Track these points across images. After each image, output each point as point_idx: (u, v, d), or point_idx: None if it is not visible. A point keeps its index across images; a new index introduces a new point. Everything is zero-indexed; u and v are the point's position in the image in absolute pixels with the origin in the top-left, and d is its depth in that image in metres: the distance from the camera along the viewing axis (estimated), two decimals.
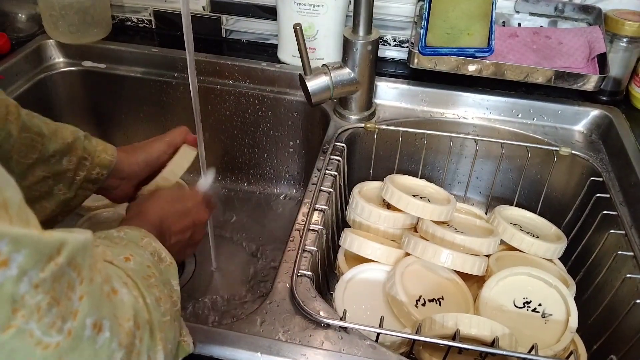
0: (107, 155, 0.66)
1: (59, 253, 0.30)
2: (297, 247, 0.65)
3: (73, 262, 0.31)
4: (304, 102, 0.87)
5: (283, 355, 0.53)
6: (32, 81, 0.97)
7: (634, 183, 0.76)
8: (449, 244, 0.69)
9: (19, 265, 0.27)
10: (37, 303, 0.29)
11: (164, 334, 0.42)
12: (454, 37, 0.86)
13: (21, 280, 0.28)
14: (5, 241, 0.27)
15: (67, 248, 0.31)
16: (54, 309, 0.30)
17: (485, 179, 0.95)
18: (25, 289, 0.28)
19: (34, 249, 0.28)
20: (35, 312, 0.29)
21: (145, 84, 1.01)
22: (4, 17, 1.02)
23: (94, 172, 0.65)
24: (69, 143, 0.62)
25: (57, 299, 0.30)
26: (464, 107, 0.91)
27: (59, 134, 0.62)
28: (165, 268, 0.49)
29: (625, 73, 0.91)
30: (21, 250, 0.28)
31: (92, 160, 0.65)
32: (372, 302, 0.66)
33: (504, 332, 0.56)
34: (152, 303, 0.42)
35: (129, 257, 0.45)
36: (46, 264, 0.29)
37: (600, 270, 0.72)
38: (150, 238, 0.51)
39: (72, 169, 0.63)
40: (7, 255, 0.27)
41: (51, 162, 0.61)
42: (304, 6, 0.91)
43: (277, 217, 1.02)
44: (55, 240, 0.30)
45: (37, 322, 0.29)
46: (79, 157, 0.63)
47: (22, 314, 0.28)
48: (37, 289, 0.29)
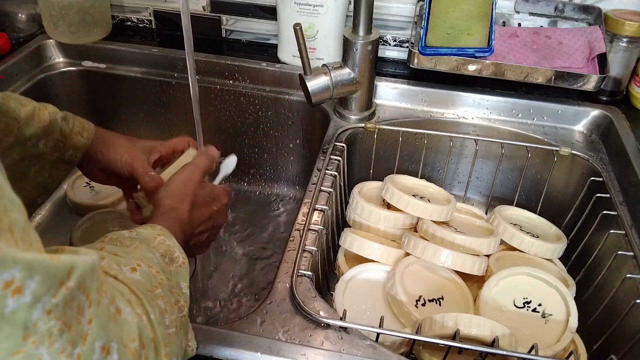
0: (82, 138, 0.65)
1: (69, 277, 0.30)
2: (297, 247, 0.65)
3: (82, 285, 0.31)
4: (304, 102, 0.87)
5: (283, 355, 0.53)
6: (32, 81, 0.97)
7: (634, 183, 0.76)
8: (449, 244, 0.69)
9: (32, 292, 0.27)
10: (49, 329, 0.28)
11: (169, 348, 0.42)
12: (454, 37, 0.86)
13: (34, 307, 0.28)
14: (19, 268, 0.26)
15: (77, 272, 0.31)
16: (65, 335, 0.30)
17: (485, 179, 0.95)
18: (38, 316, 0.28)
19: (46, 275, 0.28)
20: (47, 338, 0.28)
21: (145, 84, 1.01)
22: (4, 17, 1.02)
23: (67, 154, 0.65)
24: (45, 127, 0.61)
25: (68, 324, 0.30)
26: (464, 107, 0.91)
27: (35, 117, 0.61)
28: (175, 270, 0.49)
29: (625, 73, 0.91)
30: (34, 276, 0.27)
31: (66, 142, 0.64)
32: (372, 302, 0.66)
33: (504, 332, 0.56)
34: (157, 318, 0.42)
35: (135, 268, 0.44)
36: (58, 289, 0.29)
37: (600, 270, 0.72)
38: (164, 236, 0.51)
39: (49, 152, 0.63)
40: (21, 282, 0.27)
41: (27, 145, 0.60)
42: (304, 6, 0.91)
43: (277, 217, 1.02)
44: (65, 264, 0.30)
45: (47, 348, 0.29)
46: (55, 139, 0.63)
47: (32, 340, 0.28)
48: (50, 315, 0.28)
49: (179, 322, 0.45)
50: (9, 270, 0.26)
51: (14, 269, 0.26)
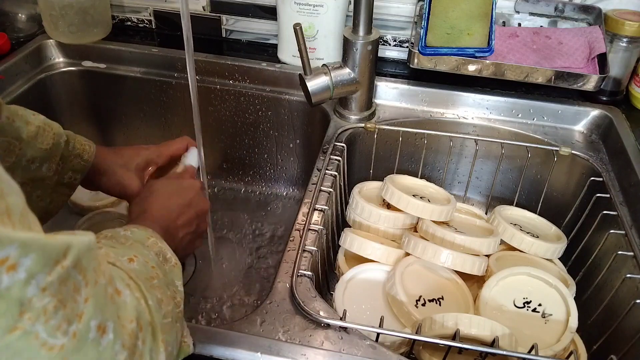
0: (82, 160, 0.65)
1: (65, 256, 0.31)
2: (297, 247, 0.65)
3: (78, 264, 0.32)
4: (304, 102, 0.87)
5: (283, 355, 0.53)
6: (32, 81, 0.97)
7: (634, 183, 0.76)
8: (449, 244, 0.69)
9: (27, 269, 0.28)
10: (44, 306, 0.29)
11: (165, 335, 0.42)
12: (454, 37, 0.86)
13: (29, 284, 0.28)
14: (14, 246, 0.27)
15: (73, 251, 0.31)
16: (60, 312, 0.30)
17: (485, 179, 0.95)
18: (33, 292, 0.28)
19: (41, 253, 0.29)
20: (42, 315, 0.29)
21: (145, 84, 1.01)
22: (4, 17, 1.02)
23: (65, 176, 0.64)
24: (47, 150, 0.61)
25: (63, 301, 0.30)
26: (464, 107, 0.91)
27: (39, 139, 0.60)
28: (170, 269, 0.49)
29: (625, 73, 0.91)
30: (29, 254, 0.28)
31: (65, 165, 0.64)
32: (372, 302, 0.66)
33: (504, 332, 0.56)
34: (154, 305, 0.42)
35: (132, 258, 0.45)
36: (53, 268, 0.30)
37: (600, 270, 0.72)
38: (156, 238, 0.51)
39: (50, 176, 0.62)
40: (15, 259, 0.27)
41: (31, 168, 0.60)
42: (304, 6, 0.91)
43: (277, 217, 1.02)
44: (61, 243, 0.30)
45: (43, 325, 0.29)
46: (57, 163, 0.62)
47: (28, 316, 0.28)
48: (45, 292, 0.29)
49: (174, 315, 0.45)
50: (4, 248, 0.27)
51: (9, 247, 0.27)
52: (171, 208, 0.59)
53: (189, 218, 0.61)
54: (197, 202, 0.63)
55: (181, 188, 0.63)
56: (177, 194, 0.61)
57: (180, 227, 0.60)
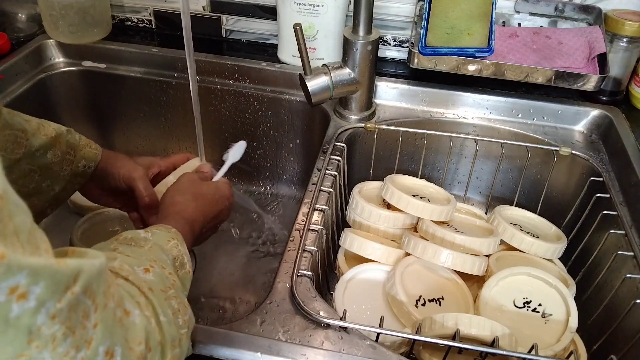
0: (92, 149, 0.67)
1: (75, 282, 0.30)
2: (297, 247, 0.65)
3: (88, 290, 0.31)
4: (304, 102, 0.87)
5: (283, 355, 0.53)
6: (32, 81, 0.97)
7: (634, 183, 0.76)
8: (449, 244, 0.69)
9: (37, 297, 0.27)
10: (52, 333, 0.29)
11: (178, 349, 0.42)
12: (454, 37, 0.86)
13: (39, 312, 0.28)
14: (24, 274, 0.27)
15: (83, 276, 0.31)
16: (69, 339, 0.30)
17: (485, 179, 0.95)
18: (42, 321, 0.28)
19: (51, 280, 0.28)
20: (50, 343, 0.29)
21: (145, 84, 1.01)
22: (4, 17, 1.02)
23: (79, 165, 0.65)
24: (52, 137, 0.63)
25: (72, 328, 0.30)
26: (464, 107, 0.91)
27: (42, 130, 0.62)
28: (183, 275, 0.50)
29: (625, 73, 0.91)
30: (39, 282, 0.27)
31: (76, 154, 0.65)
32: (372, 302, 0.66)
33: (504, 332, 0.56)
34: (168, 319, 0.42)
35: (148, 269, 0.44)
36: (63, 294, 0.29)
37: (600, 270, 0.72)
38: (177, 241, 0.52)
39: (58, 162, 0.63)
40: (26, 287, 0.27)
41: (36, 155, 0.61)
42: (304, 6, 0.91)
43: (277, 217, 1.02)
44: (71, 269, 0.30)
45: (50, 352, 0.29)
46: (62, 151, 0.64)
47: (36, 344, 0.28)
48: (54, 320, 0.29)
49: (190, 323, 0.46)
50: (14, 276, 0.26)
51: (19, 275, 0.26)
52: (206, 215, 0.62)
53: (214, 225, 0.65)
54: (226, 212, 0.67)
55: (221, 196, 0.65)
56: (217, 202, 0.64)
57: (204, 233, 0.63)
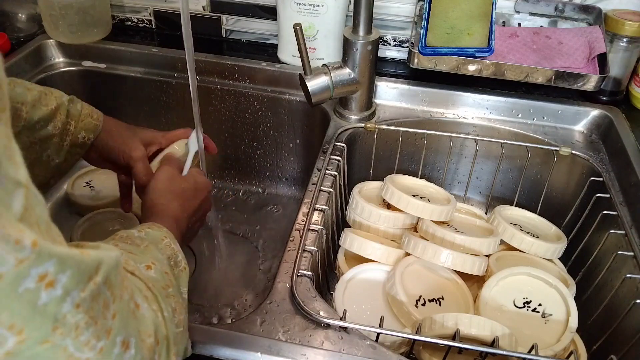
0: (93, 119, 0.67)
1: (97, 273, 0.31)
2: (297, 247, 0.65)
3: (108, 281, 0.32)
4: (304, 102, 0.87)
5: (283, 355, 0.53)
6: (32, 81, 0.96)
7: (634, 183, 0.76)
8: (449, 244, 0.69)
9: (63, 286, 0.28)
10: (76, 322, 0.30)
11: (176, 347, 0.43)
12: (454, 37, 0.86)
13: (65, 301, 0.29)
14: (52, 262, 0.27)
15: (104, 267, 0.32)
16: (91, 328, 0.31)
17: (485, 179, 0.95)
18: (67, 309, 0.29)
19: (77, 270, 0.29)
20: (74, 330, 0.30)
21: (145, 83, 1.01)
22: (4, 17, 1.02)
23: (79, 136, 0.65)
24: (52, 109, 0.62)
25: (94, 318, 0.31)
26: (464, 107, 0.91)
27: (42, 101, 0.62)
28: (178, 273, 0.50)
29: (625, 73, 0.91)
30: (66, 271, 0.28)
31: (77, 124, 0.65)
32: (372, 302, 0.66)
33: (504, 332, 0.56)
34: (169, 316, 0.42)
35: (150, 266, 0.45)
36: (86, 284, 0.30)
37: (600, 270, 0.72)
38: (170, 239, 0.52)
39: (58, 134, 0.63)
40: (53, 276, 0.28)
41: (36, 128, 0.61)
42: (304, 6, 0.91)
43: (277, 217, 1.02)
44: (93, 260, 0.31)
45: (73, 340, 0.30)
46: (63, 122, 0.64)
47: (60, 331, 0.29)
48: (78, 309, 0.30)
49: (185, 323, 0.46)
50: (43, 264, 0.27)
51: (48, 263, 0.27)
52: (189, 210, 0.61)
53: (199, 217, 0.64)
54: (206, 202, 0.66)
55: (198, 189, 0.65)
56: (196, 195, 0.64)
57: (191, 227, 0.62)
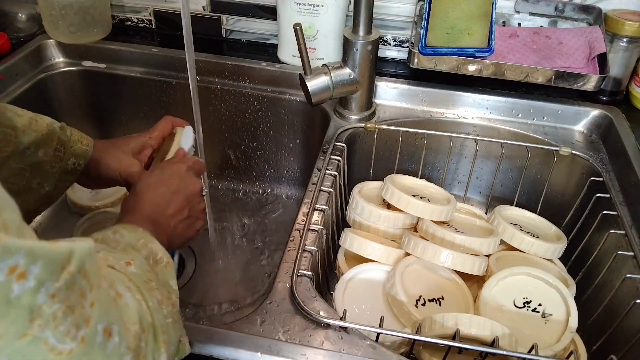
0: (83, 145, 0.65)
1: (70, 262, 0.31)
2: (297, 247, 0.65)
3: (82, 269, 0.32)
4: (304, 102, 0.87)
5: (283, 355, 0.53)
6: (32, 81, 0.97)
7: (634, 183, 0.76)
8: (449, 244, 0.69)
9: (36, 277, 0.28)
10: (53, 312, 0.29)
11: (166, 336, 0.43)
12: (454, 37, 0.86)
13: (39, 291, 0.28)
14: (21, 254, 0.27)
15: (76, 256, 0.31)
16: (69, 317, 0.30)
17: (485, 179, 0.95)
18: (42, 300, 0.29)
19: (48, 260, 0.29)
20: (52, 321, 0.29)
21: (145, 84, 1.01)
22: (4, 17, 1.02)
23: (69, 163, 0.64)
24: (43, 135, 0.61)
25: (71, 307, 0.31)
26: (464, 107, 0.91)
27: (33, 127, 0.61)
28: (162, 270, 0.49)
29: (625, 73, 0.91)
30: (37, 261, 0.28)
31: (66, 151, 0.64)
32: (372, 302, 0.66)
33: (504, 332, 0.56)
34: (155, 306, 0.42)
35: (130, 262, 0.45)
36: (60, 274, 0.30)
37: (600, 270, 0.72)
38: (146, 239, 0.50)
39: (48, 161, 0.62)
40: (24, 267, 0.27)
41: (26, 154, 0.60)
42: (304, 6, 0.91)
43: (277, 217, 1.02)
44: (64, 249, 0.31)
45: (52, 331, 0.29)
46: (53, 148, 0.63)
47: (38, 323, 0.29)
48: (54, 299, 0.29)
49: (174, 315, 0.46)
50: (12, 256, 0.27)
51: (16, 254, 0.27)
52: (158, 200, 0.58)
53: (179, 205, 0.59)
54: (184, 186, 0.61)
55: (164, 176, 0.61)
56: (161, 183, 0.60)
57: (171, 217, 0.58)
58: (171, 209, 0.58)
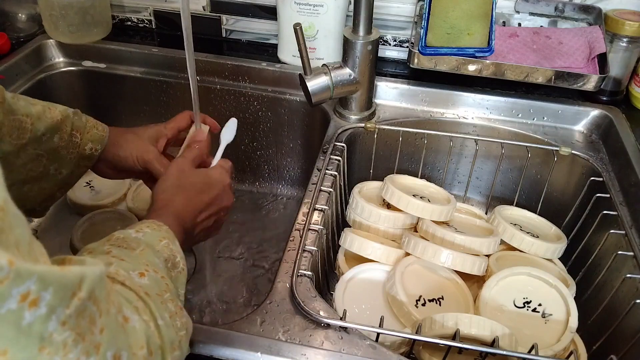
0: (98, 131, 0.66)
1: (80, 288, 0.30)
2: (297, 247, 0.65)
3: (92, 295, 0.32)
4: (304, 102, 0.87)
5: (283, 355, 0.53)
6: (32, 81, 0.97)
7: (634, 183, 0.76)
8: (449, 244, 0.69)
9: (47, 304, 0.28)
10: (63, 340, 0.29)
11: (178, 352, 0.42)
12: (454, 37, 0.86)
13: (50, 319, 0.28)
14: (33, 280, 0.27)
15: (87, 282, 0.31)
16: (80, 345, 0.30)
17: (485, 179, 0.95)
18: (53, 327, 0.28)
19: (58, 286, 0.28)
20: (61, 349, 0.29)
21: (145, 83, 1.01)
22: (4, 17, 1.02)
23: (86, 148, 0.65)
24: (58, 120, 0.62)
25: (82, 334, 0.30)
26: (464, 107, 0.91)
27: (47, 114, 0.61)
28: (176, 275, 0.49)
29: (625, 73, 0.91)
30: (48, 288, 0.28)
31: (83, 136, 0.64)
32: (372, 302, 0.66)
33: (504, 332, 0.56)
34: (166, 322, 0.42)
35: (143, 273, 0.44)
36: (70, 300, 0.29)
37: (600, 270, 0.72)
38: (169, 240, 0.51)
39: (64, 146, 0.63)
40: (36, 294, 0.27)
41: (42, 140, 0.61)
42: (304, 6, 0.91)
43: (277, 217, 1.02)
44: (75, 275, 0.30)
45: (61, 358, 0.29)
46: (69, 133, 0.63)
47: (48, 351, 0.28)
48: (64, 326, 0.29)
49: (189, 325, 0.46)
50: (24, 282, 0.26)
51: (28, 281, 0.26)
52: (196, 205, 0.59)
53: (210, 214, 0.61)
54: (222, 198, 0.63)
55: (210, 183, 0.62)
56: (206, 190, 0.61)
57: (199, 224, 0.60)
58: (201, 217, 0.60)
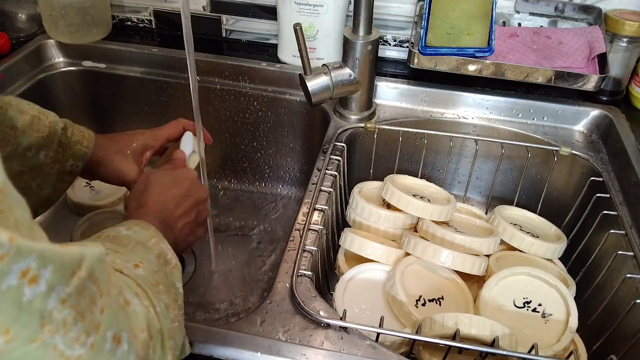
0: (82, 147, 0.65)
1: (80, 267, 0.31)
2: (297, 247, 0.65)
3: (92, 275, 0.32)
4: (304, 102, 0.87)
5: (283, 355, 0.53)
6: (32, 81, 0.97)
7: (634, 183, 0.76)
8: (449, 244, 0.69)
9: (47, 281, 0.28)
10: (63, 318, 0.29)
11: (173, 341, 0.42)
12: (454, 37, 0.86)
13: (50, 296, 0.28)
14: (33, 257, 0.27)
15: (87, 261, 0.31)
16: (79, 323, 0.30)
17: (485, 179, 0.95)
18: (53, 305, 0.29)
19: (59, 264, 0.29)
20: (62, 327, 0.29)
21: (145, 83, 1.01)
22: (4, 17, 1.02)
23: (67, 164, 0.64)
24: (44, 137, 0.61)
25: (82, 313, 0.30)
26: (464, 107, 0.91)
27: (34, 127, 0.60)
28: (170, 271, 0.49)
29: (625, 73, 0.91)
30: (48, 265, 0.28)
31: (65, 152, 0.63)
32: (372, 302, 0.66)
33: (504, 332, 0.56)
34: (162, 311, 0.42)
35: (138, 264, 0.45)
36: (70, 279, 0.30)
37: (600, 270, 0.72)
38: (158, 239, 0.51)
39: (48, 163, 0.62)
40: (36, 271, 0.27)
41: (27, 156, 0.60)
42: (304, 6, 0.91)
43: (277, 217, 1.02)
44: (75, 254, 0.30)
45: (62, 337, 0.29)
46: (54, 150, 0.62)
47: (48, 328, 0.28)
48: (64, 304, 0.29)
49: (180, 318, 0.46)
50: (24, 259, 0.27)
51: (28, 258, 0.27)
52: (168, 200, 0.59)
53: (187, 208, 0.60)
54: (194, 190, 0.62)
55: (177, 178, 0.62)
56: (174, 184, 0.61)
57: (179, 218, 0.59)
58: (179, 211, 0.59)
